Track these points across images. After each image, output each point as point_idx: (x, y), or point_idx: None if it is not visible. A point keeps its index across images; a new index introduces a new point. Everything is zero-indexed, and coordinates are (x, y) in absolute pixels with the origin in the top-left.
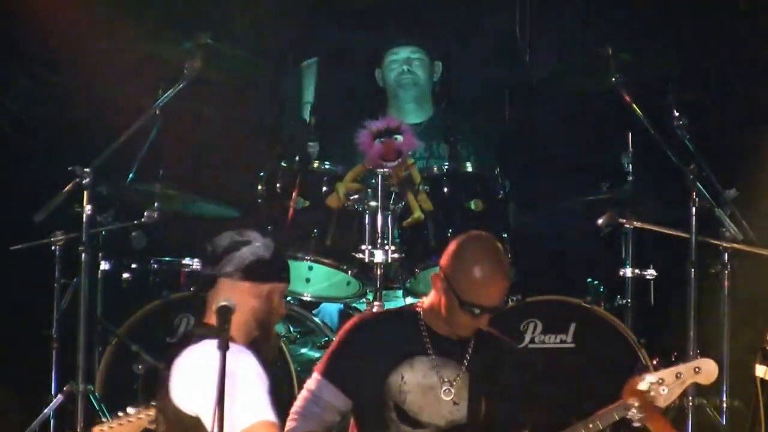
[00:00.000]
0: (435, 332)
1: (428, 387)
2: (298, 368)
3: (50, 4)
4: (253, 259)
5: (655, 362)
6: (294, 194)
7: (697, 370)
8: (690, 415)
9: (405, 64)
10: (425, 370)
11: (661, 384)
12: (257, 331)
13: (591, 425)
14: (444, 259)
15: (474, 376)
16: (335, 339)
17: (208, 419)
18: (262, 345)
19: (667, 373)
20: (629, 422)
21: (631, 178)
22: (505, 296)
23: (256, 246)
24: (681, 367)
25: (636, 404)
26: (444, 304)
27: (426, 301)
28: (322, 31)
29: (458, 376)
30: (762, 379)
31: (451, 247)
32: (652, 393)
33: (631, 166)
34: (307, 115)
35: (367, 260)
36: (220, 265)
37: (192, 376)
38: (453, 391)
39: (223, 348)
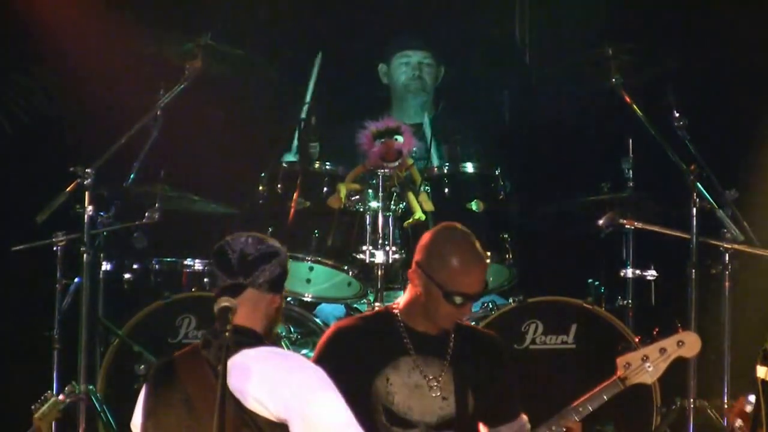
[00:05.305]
0: (414, 330)
1: (414, 386)
2: None
3: (51, 4)
4: (281, 272)
5: (637, 340)
6: (295, 195)
7: (680, 343)
8: (691, 417)
9: (416, 69)
10: (409, 370)
11: (645, 361)
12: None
13: (581, 408)
14: (419, 254)
15: (458, 370)
16: (315, 350)
17: (295, 423)
18: None
19: (651, 350)
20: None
21: (631, 184)
22: (484, 282)
23: (283, 258)
24: (664, 342)
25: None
26: (425, 298)
27: (401, 300)
28: (324, 31)
29: (442, 371)
30: (763, 380)
31: (424, 240)
32: (638, 370)
33: (631, 172)
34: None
35: (367, 261)
36: (252, 276)
37: (269, 381)
38: (440, 386)
39: (224, 348)
